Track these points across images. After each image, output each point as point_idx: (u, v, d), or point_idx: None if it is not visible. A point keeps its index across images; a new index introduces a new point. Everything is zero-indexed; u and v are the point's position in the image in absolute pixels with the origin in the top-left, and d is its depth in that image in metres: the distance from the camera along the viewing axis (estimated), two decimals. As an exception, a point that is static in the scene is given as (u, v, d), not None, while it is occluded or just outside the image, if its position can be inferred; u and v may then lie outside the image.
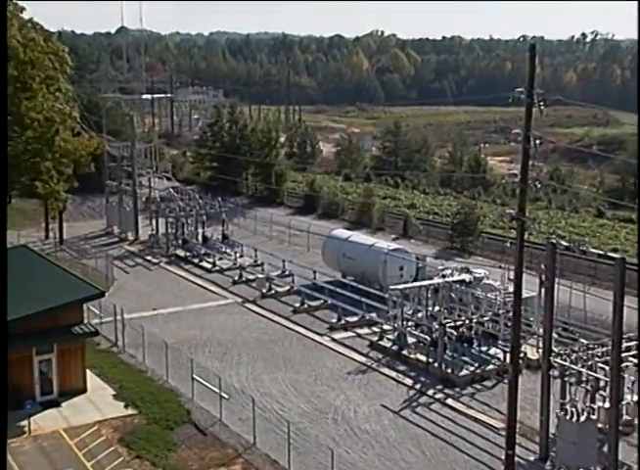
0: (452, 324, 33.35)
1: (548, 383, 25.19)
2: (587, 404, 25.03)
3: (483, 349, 33.05)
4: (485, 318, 33.80)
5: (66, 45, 50.83)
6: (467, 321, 33.65)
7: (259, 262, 48.21)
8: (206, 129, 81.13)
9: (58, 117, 46.62)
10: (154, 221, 55.55)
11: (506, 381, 25.56)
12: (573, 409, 24.21)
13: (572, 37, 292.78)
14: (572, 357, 25.42)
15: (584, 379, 25.18)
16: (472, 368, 31.76)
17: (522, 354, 29.94)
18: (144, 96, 62.59)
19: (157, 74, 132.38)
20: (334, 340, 36.07)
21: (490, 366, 31.90)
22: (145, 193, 61.00)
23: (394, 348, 34.36)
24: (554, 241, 24.66)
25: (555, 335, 29.12)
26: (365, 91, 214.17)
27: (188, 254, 51.28)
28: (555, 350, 25.74)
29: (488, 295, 34.57)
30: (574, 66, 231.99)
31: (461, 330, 33.31)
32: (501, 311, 33.52)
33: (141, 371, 32.00)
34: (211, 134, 78.65)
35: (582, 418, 24.07)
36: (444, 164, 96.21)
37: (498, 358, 32.29)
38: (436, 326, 33.04)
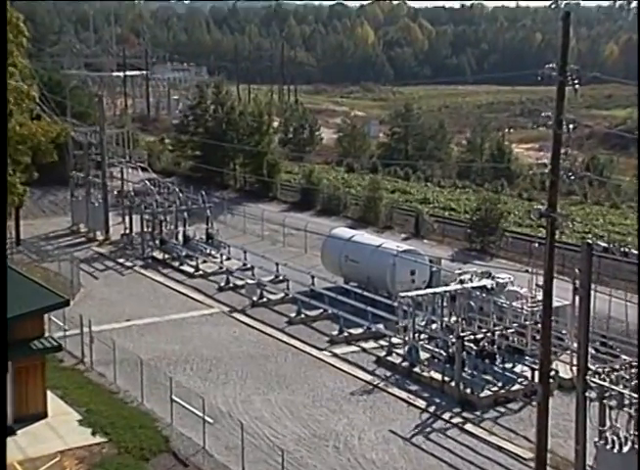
0: (471, 337, 33.33)
1: (584, 406, 25.11)
2: (631, 432, 24.96)
3: (508, 366, 33.05)
4: (510, 330, 33.80)
5: (21, 12, 50.65)
6: (488, 334, 33.63)
7: (249, 266, 48.24)
8: (188, 112, 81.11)
9: (12, 96, 46.48)
10: (127, 219, 55.58)
11: (535, 403, 25.52)
12: (615, 437, 24.15)
13: (614, 3, 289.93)
14: (613, 377, 25.36)
15: (627, 402, 25.09)
16: (494, 388, 31.76)
17: (552, 373, 29.90)
18: (115, 73, 62.65)
19: (129, 48, 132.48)
20: (335, 355, 36.10)
21: (516, 386, 31.90)
22: (117, 186, 60.94)
23: (405, 364, 34.39)
24: (590, 241, 24.61)
25: (592, 350, 29.09)
26: (371, 68, 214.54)
27: (167, 256, 51.30)
28: (592, 367, 25.68)
29: (513, 303, 34.55)
30: (616, 37, 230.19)
31: (482, 344, 33.30)
32: (528, 323, 33.50)
33: (112, 392, 31.99)
34: (194, 118, 78.63)
35: (625, 448, 24.01)
36: (462, 153, 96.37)
37: (525, 377, 32.29)
38: (453, 339, 33.02)
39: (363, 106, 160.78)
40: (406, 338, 34.95)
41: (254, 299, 42.99)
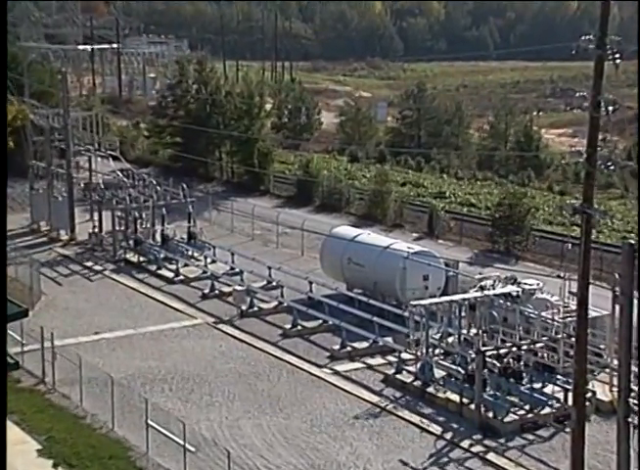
0: (494, 352, 33.32)
1: (627, 433, 25.05)
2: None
3: (537, 386, 33.04)
4: (539, 345, 33.79)
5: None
6: (514, 349, 33.62)
7: (237, 270, 48.23)
8: (166, 93, 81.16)
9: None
10: (95, 215, 55.57)
11: (568, 430, 25.49)
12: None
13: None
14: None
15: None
16: (521, 412, 31.75)
17: (589, 394, 29.89)
18: (80, 46, 62.55)
19: (98, 18, 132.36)
20: (336, 373, 36.12)
21: (546, 410, 31.89)
22: (84, 177, 60.95)
23: (417, 383, 34.42)
24: (632, 241, 24.59)
25: (635, 368, 29.06)
26: (378, 42, 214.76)
27: (142, 259, 51.33)
28: (635, 389, 25.65)
29: (543, 313, 34.54)
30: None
31: (506, 360, 33.30)
32: (560, 336, 33.49)
33: (77, 417, 31.98)
34: (173, 99, 78.63)
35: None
36: (484, 140, 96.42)
37: (557, 399, 32.29)
38: (473, 355, 33.01)
39: (369, 85, 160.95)
40: (418, 353, 34.95)
41: (244, 308, 42.99)
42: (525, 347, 33.76)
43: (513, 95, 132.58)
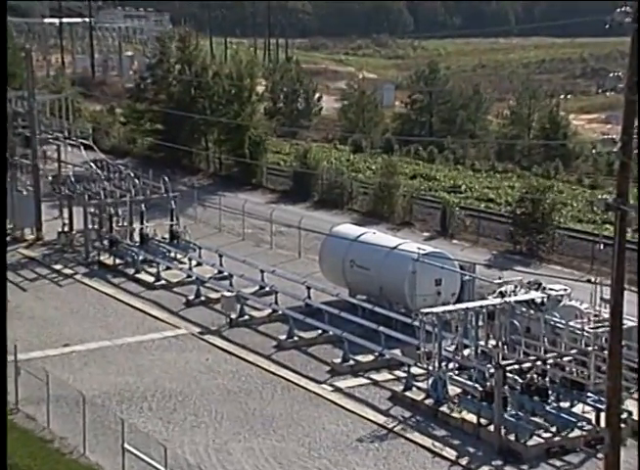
0: (516, 367, 33.28)
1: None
2: None
3: (564, 405, 33.01)
4: (567, 359, 33.74)
5: None
6: (538, 363, 33.57)
7: (226, 274, 48.24)
8: (146, 74, 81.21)
9: None
10: (65, 212, 55.52)
11: (600, 455, 25.42)
12: None
13: None
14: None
15: None
16: (547, 435, 31.70)
17: (624, 415, 29.82)
18: (47, 20, 62.50)
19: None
20: (338, 390, 36.12)
21: (576, 432, 31.85)
22: (52, 169, 60.84)
23: (429, 402, 34.40)
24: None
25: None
26: (385, 17, 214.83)
27: (118, 261, 51.32)
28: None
29: (571, 323, 34.49)
30: None
31: (529, 376, 33.25)
32: (591, 348, 33.43)
33: (44, 440, 31.93)
34: (153, 81, 78.74)
35: None
36: (504, 127, 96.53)
37: (587, 420, 32.24)
38: (492, 369, 32.99)
39: (374, 66, 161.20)
40: (430, 367, 34.90)
41: (233, 316, 42.99)
42: (550, 360, 33.68)
43: (537, 76, 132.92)
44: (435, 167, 78.68)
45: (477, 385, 33.57)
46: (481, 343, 35.01)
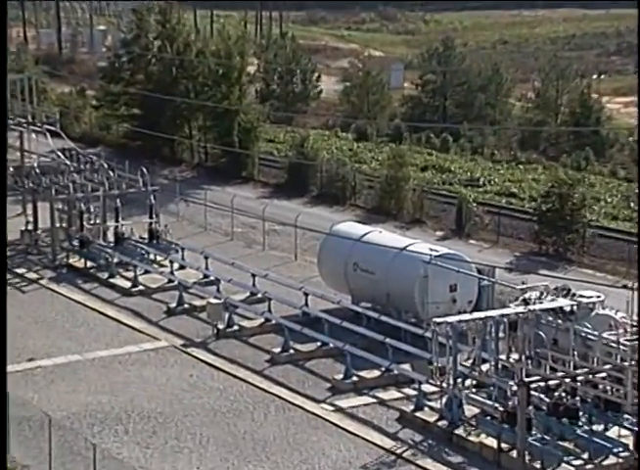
0: (542, 384, 33.31)
1: None
2: None
3: (597, 428, 33.01)
4: (600, 375, 33.76)
5: None
6: (567, 380, 33.60)
7: (212, 278, 48.30)
8: (121, 51, 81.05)
9: None
10: (29, 208, 55.49)
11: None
12: None
13: None
14: None
15: None
16: (577, 462, 31.67)
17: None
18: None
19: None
20: (339, 410, 36.11)
21: (611, 459, 31.85)
22: (15, 160, 60.76)
23: (442, 423, 34.41)
24: None
25: None
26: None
27: (90, 264, 51.33)
28: None
29: (604, 334, 34.53)
30: None
31: (557, 395, 33.27)
32: (627, 363, 33.47)
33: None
34: (129, 59, 78.58)
35: None
36: (528, 111, 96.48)
37: (624, 445, 32.26)
38: (514, 387, 33.04)
39: (381, 42, 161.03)
40: (444, 384, 34.96)
41: (221, 327, 43.00)
42: (581, 377, 33.69)
43: (566, 53, 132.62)
44: (450, 158, 78.63)
45: (497, 404, 33.58)
46: (502, 357, 35.03)
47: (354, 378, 38.01)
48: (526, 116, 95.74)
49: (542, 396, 33.07)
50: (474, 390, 34.84)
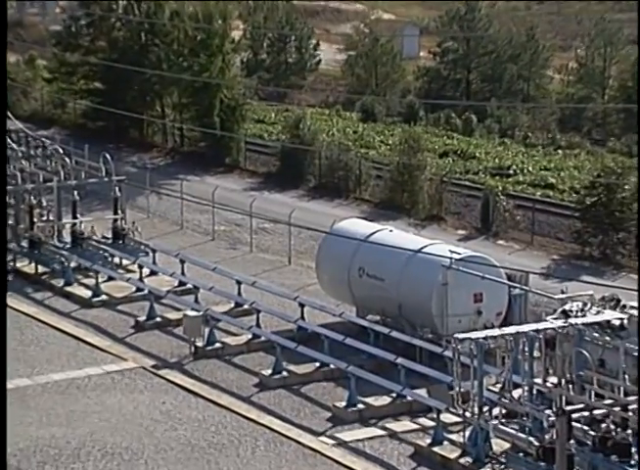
0: (585, 413, 33.29)
1: None
2: None
3: (652, 466, 33.01)
4: (656, 402, 33.77)
5: None
6: (616, 409, 33.59)
7: (190, 286, 48.34)
8: (78, 12, 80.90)
9: None
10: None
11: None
12: None
13: None
14: None
15: None
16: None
17: None
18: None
19: None
20: (342, 444, 36.12)
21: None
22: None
23: (465, 460, 34.41)
24: None
25: None
26: None
27: (43, 269, 51.33)
28: None
29: (661, 353, 34.55)
30: None
31: (605, 426, 33.24)
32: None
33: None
34: (89, 23, 78.53)
35: None
36: (569, 85, 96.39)
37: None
38: (552, 417, 33.02)
39: (390, 2, 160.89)
40: (467, 414, 34.95)
41: (199, 344, 43.00)
42: (634, 406, 33.69)
43: (616, 15, 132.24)
44: (475, 142, 78.67)
45: (531, 438, 33.62)
46: (538, 380, 35.06)
47: (360, 406, 38.00)
48: (567, 90, 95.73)
49: (586, 428, 33.06)
50: (503, 420, 34.84)
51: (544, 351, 34.90)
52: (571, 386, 34.37)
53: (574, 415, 32.79)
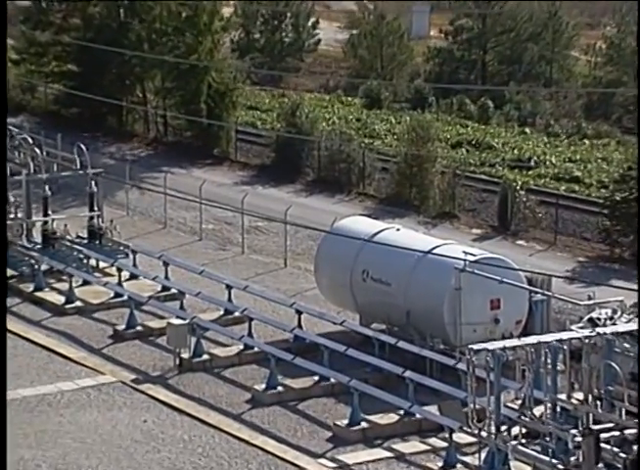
0: (615, 433, 33.30)
1: None
2: None
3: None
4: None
5: None
6: (649, 427, 33.61)
7: (175, 291, 48.38)
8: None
9: None
10: None
11: None
12: None
13: None
14: None
15: None
16: None
17: None
18: None
19: None
20: (343, 467, 36.16)
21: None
22: None
23: (482, 487, 34.42)
24: None
25: None
26: None
27: (10, 272, 51.31)
28: None
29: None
30: None
31: (636, 448, 33.23)
32: None
33: None
34: (60, -2, 78.68)
35: None
36: (596, 68, 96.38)
37: None
38: (578, 437, 33.03)
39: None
40: (484, 433, 34.95)
41: (185, 356, 43.06)
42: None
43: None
44: (491, 130, 78.70)
45: (555, 460, 33.64)
46: (562, 396, 35.08)
47: (363, 424, 38.05)
48: (595, 74, 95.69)
49: (616, 449, 33.05)
50: (523, 440, 34.85)
51: (569, 363, 34.94)
52: (599, 402, 34.40)
53: (603, 435, 32.79)
